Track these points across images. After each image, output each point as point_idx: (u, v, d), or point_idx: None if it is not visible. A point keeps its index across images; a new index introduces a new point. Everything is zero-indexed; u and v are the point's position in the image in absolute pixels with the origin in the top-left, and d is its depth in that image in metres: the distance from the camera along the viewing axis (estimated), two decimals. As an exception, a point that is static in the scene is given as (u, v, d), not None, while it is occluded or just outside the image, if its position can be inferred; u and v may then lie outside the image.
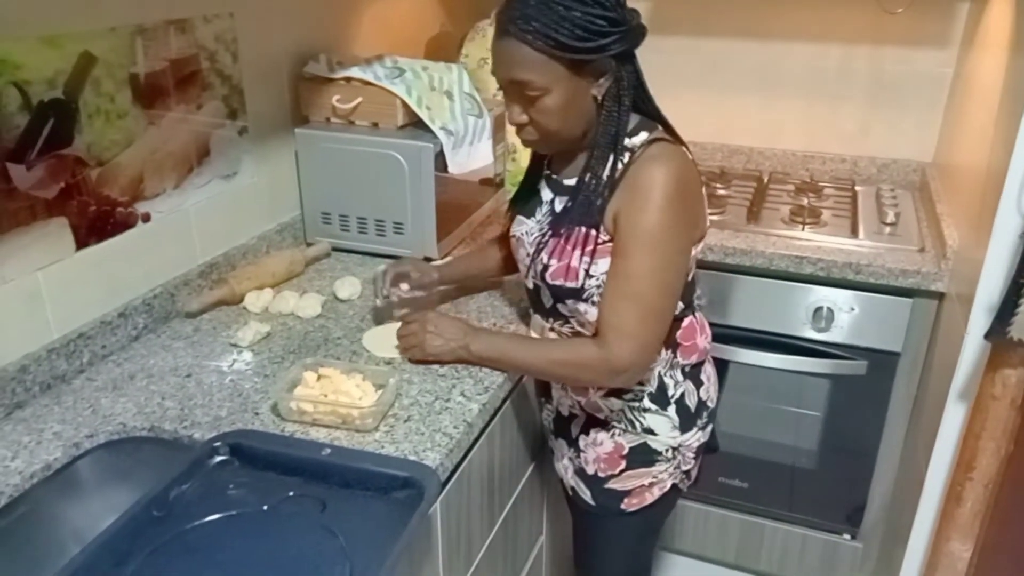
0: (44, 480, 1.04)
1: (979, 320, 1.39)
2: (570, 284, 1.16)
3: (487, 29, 2.02)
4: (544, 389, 1.40)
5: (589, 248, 1.13)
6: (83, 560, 0.85)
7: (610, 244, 1.13)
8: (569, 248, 1.15)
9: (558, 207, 1.20)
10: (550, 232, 1.18)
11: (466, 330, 1.25)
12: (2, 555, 0.99)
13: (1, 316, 1.13)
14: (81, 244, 1.24)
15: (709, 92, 2.27)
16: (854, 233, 1.84)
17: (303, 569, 0.88)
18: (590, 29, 1.03)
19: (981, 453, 1.40)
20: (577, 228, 1.14)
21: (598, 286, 1.15)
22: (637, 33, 1.09)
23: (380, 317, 1.42)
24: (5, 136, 1.09)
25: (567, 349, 1.19)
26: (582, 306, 1.18)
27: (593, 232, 1.13)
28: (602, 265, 1.14)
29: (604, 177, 1.11)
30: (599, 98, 1.11)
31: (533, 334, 1.33)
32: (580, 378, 1.20)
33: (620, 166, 1.11)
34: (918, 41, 2.06)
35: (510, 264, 1.45)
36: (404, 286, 1.40)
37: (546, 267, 1.18)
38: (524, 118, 1.12)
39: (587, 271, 1.14)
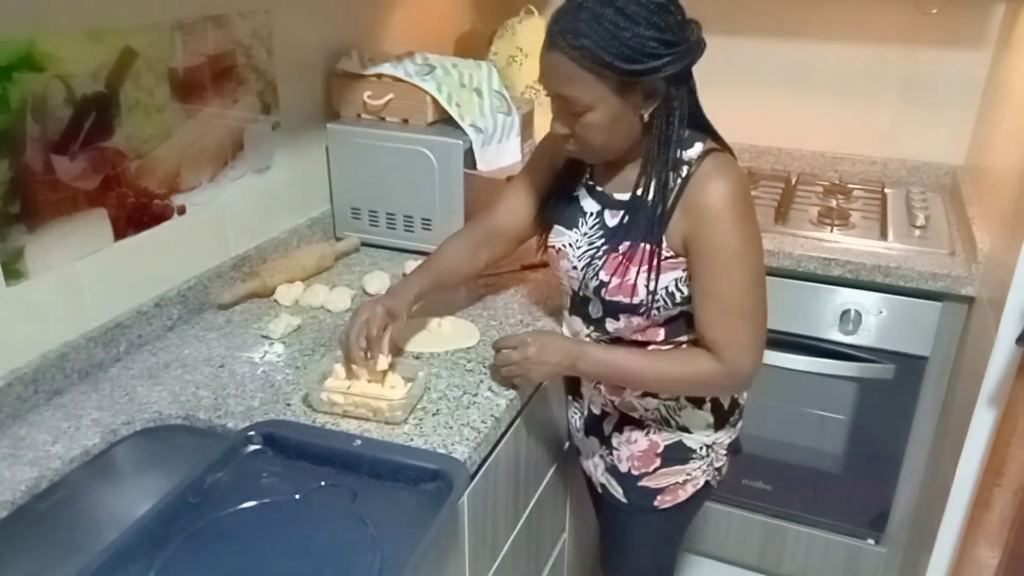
0: (83, 465, 1.07)
1: (1010, 325, 1.37)
2: (628, 300, 1.15)
3: (516, 26, 2.03)
4: (574, 387, 1.40)
5: (652, 264, 1.12)
6: (122, 543, 0.87)
7: (673, 260, 1.12)
8: (630, 265, 1.13)
9: (609, 221, 1.18)
10: (606, 247, 1.16)
11: (570, 350, 1.18)
12: (43, 536, 1.02)
13: (43, 304, 1.16)
14: (120, 235, 1.27)
15: (738, 92, 2.26)
16: (883, 235, 1.82)
17: (334, 557, 0.90)
18: (641, 51, 1.00)
19: (1011, 459, 1.39)
20: (639, 244, 1.12)
21: (657, 301, 1.14)
22: (695, 51, 1.05)
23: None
24: (50, 128, 1.12)
25: (685, 366, 1.16)
26: (636, 320, 1.18)
27: (656, 248, 1.12)
28: (663, 281, 1.13)
29: (663, 193, 1.10)
30: (646, 117, 1.08)
31: (566, 332, 1.33)
32: (702, 392, 1.23)
33: (679, 181, 1.10)
34: (952, 42, 2.04)
35: (481, 264, 1.37)
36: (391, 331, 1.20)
37: (603, 284, 1.16)
38: (567, 131, 1.10)
39: (649, 288, 1.13)
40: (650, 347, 1.21)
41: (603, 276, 1.16)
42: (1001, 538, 1.46)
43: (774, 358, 1.85)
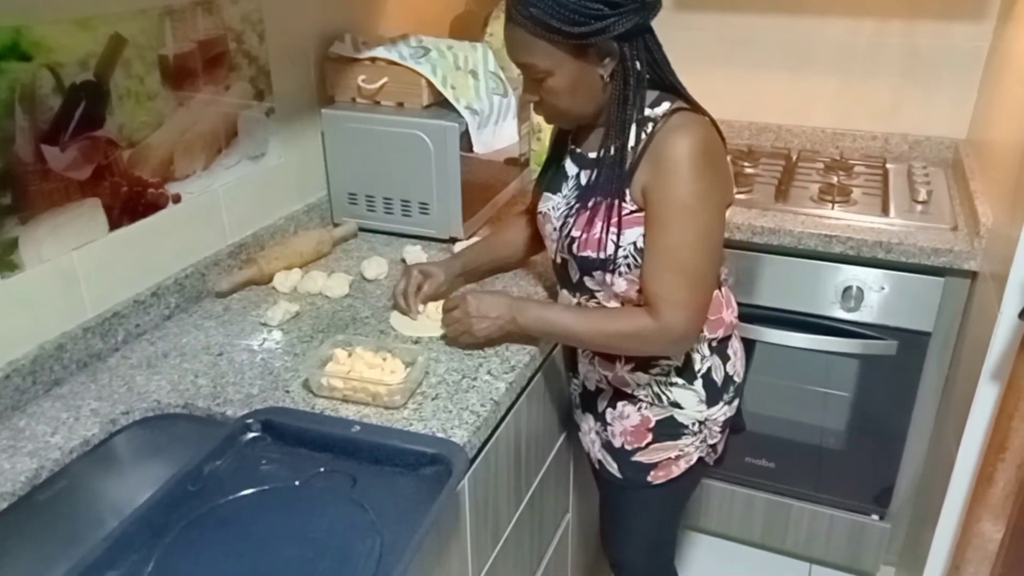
0: (83, 455, 1.07)
1: (1013, 299, 1.36)
2: (597, 255, 1.16)
3: (512, 7, 2.01)
4: (572, 363, 1.41)
5: (615, 219, 1.14)
6: (122, 531, 0.88)
7: (637, 214, 1.13)
8: (596, 220, 1.15)
9: (584, 181, 1.21)
10: (577, 205, 1.19)
11: (510, 304, 1.22)
12: (43, 527, 1.02)
13: (39, 295, 1.16)
14: (114, 225, 1.26)
15: (737, 69, 2.24)
16: (885, 211, 1.81)
17: (334, 543, 0.90)
18: (585, 14, 1.04)
19: (1014, 434, 1.38)
20: (603, 200, 1.14)
21: (625, 256, 1.15)
22: (646, 9, 1.08)
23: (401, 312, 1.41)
24: (39, 118, 1.11)
25: (620, 321, 1.17)
26: (609, 277, 1.18)
27: (619, 203, 1.13)
28: (629, 236, 1.14)
29: (627, 148, 1.12)
30: (606, 77, 1.11)
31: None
32: (634, 349, 1.21)
33: (644, 136, 1.12)
34: (953, 15, 2.01)
35: (531, 245, 1.45)
36: (425, 287, 1.36)
37: (573, 240, 1.18)
38: (535, 97, 1.16)
39: (615, 242, 1.14)
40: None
41: (574, 232, 1.18)
42: (1004, 512, 1.45)
43: (776, 336, 1.84)
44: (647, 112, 1.13)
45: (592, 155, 1.19)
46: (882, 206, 1.84)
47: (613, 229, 1.14)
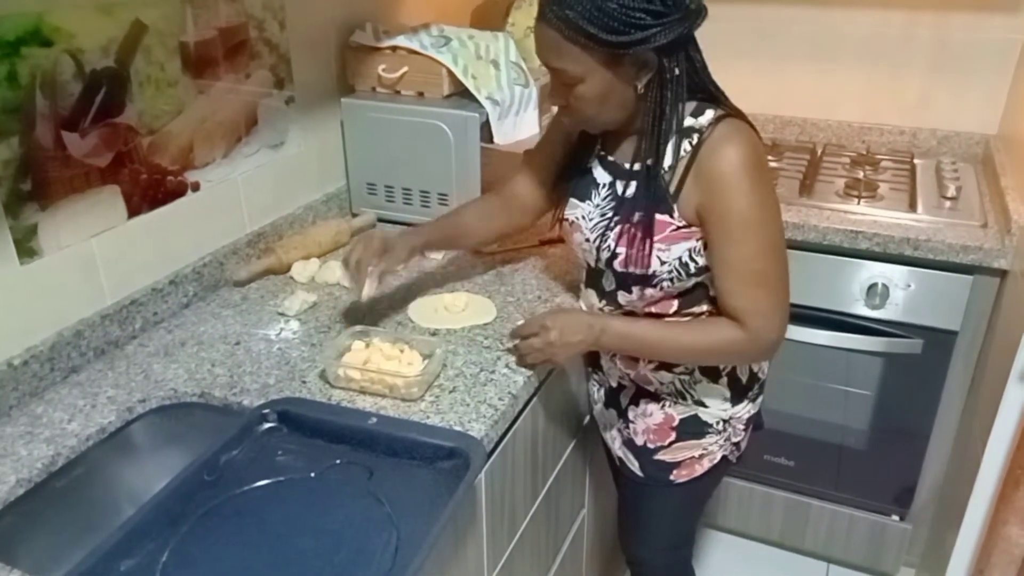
0: (99, 443, 1.07)
1: (1046, 298, 1.33)
2: (639, 271, 1.13)
3: (534, -3, 1.99)
4: (593, 360, 1.39)
5: (663, 235, 1.10)
6: (139, 520, 0.87)
7: (685, 230, 1.09)
8: (640, 235, 1.11)
9: (621, 191, 1.15)
10: (616, 218, 1.14)
11: (592, 324, 1.16)
12: (60, 514, 1.02)
13: (58, 282, 1.16)
14: (133, 212, 1.26)
15: (762, 61, 2.20)
16: (912, 207, 1.77)
17: (350, 535, 0.89)
18: (626, 22, 0.97)
19: (1043, 436, 1.35)
20: (651, 215, 1.10)
21: (670, 272, 1.12)
22: (690, 19, 1.01)
23: (416, 291, 1.40)
24: (60, 104, 1.11)
25: (709, 336, 1.13)
26: (650, 291, 1.15)
27: (667, 218, 1.09)
28: (675, 251, 1.10)
29: (669, 160, 1.07)
30: (640, 88, 1.05)
31: (582, 306, 1.31)
32: (729, 361, 1.20)
33: (688, 148, 1.07)
34: (987, 6, 1.96)
35: (498, 231, 1.38)
36: (383, 264, 1.23)
37: (614, 255, 1.14)
38: (562, 102, 1.10)
39: (661, 259, 1.11)
40: (665, 319, 1.19)
41: (614, 247, 1.14)
42: (1032, 516, 1.42)
43: (799, 333, 1.81)
44: (690, 122, 1.07)
45: (627, 165, 1.14)
46: (909, 202, 1.80)
47: (660, 246, 1.10)
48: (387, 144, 1.64)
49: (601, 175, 1.19)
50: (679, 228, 1.09)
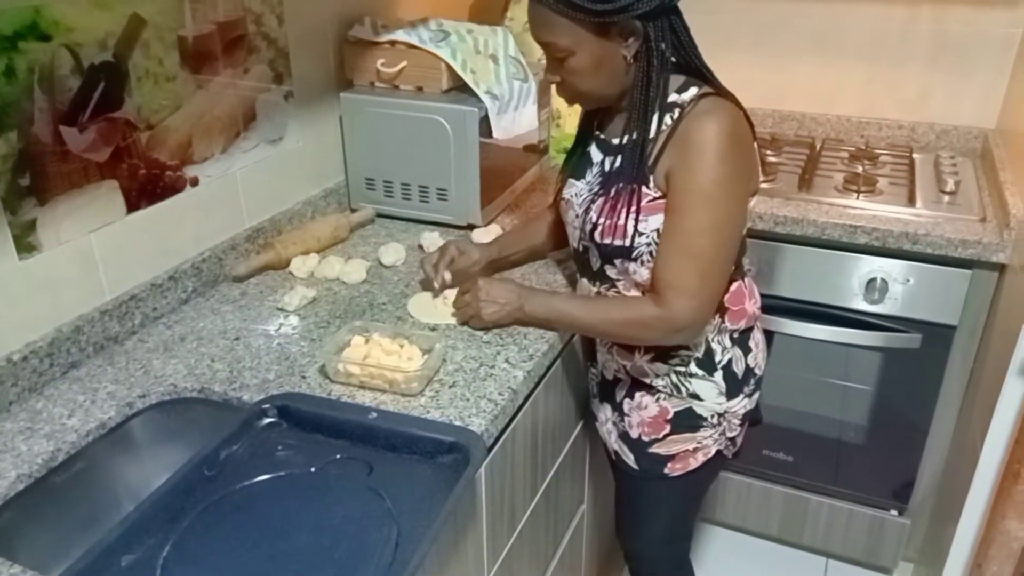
0: (99, 438, 1.07)
1: (1045, 292, 1.33)
2: (619, 243, 1.14)
3: (533, -9, 1.98)
4: (591, 352, 1.39)
5: (638, 206, 1.11)
6: (140, 515, 0.87)
7: (661, 201, 1.11)
8: (618, 206, 1.13)
9: (607, 167, 1.19)
10: (599, 191, 1.17)
11: (519, 292, 1.24)
12: (60, 509, 1.02)
13: (56, 278, 1.15)
14: (132, 207, 1.26)
15: (761, 55, 2.20)
16: (911, 202, 1.77)
17: (351, 530, 0.89)
18: None
19: (1042, 430, 1.35)
20: (626, 186, 1.12)
21: (648, 244, 1.13)
22: None
23: (426, 284, 1.41)
24: (58, 99, 1.10)
25: (625, 308, 1.16)
26: (631, 266, 1.16)
27: (643, 189, 1.11)
28: (652, 223, 1.12)
29: (651, 134, 1.10)
30: (628, 58, 1.09)
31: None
32: (639, 337, 1.19)
33: (670, 122, 1.09)
34: (986, 0, 1.96)
35: (559, 237, 1.43)
36: (459, 260, 1.36)
37: (595, 226, 1.17)
38: (557, 78, 1.14)
39: (636, 229, 1.12)
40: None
41: (595, 219, 1.17)
42: (1030, 510, 1.43)
43: (797, 327, 1.82)
44: (674, 98, 1.10)
45: (615, 141, 1.17)
46: (908, 196, 1.80)
47: (635, 216, 1.12)
48: (386, 139, 1.64)
49: (595, 153, 1.23)
50: (655, 199, 1.11)
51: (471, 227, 1.63)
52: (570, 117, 1.99)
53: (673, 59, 1.10)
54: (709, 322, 1.17)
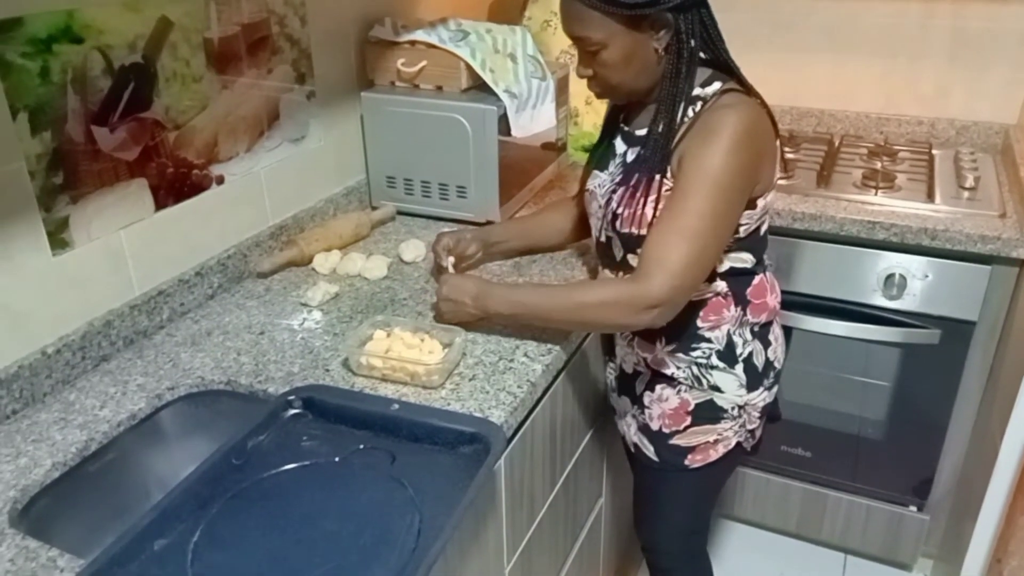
0: (130, 429, 1.10)
1: (1064, 287, 1.33)
2: (640, 231, 1.15)
3: (551, -10, 1.99)
4: (608, 347, 1.41)
5: (658, 194, 1.13)
6: (171, 501, 0.90)
7: None
8: (639, 195, 1.14)
9: (630, 158, 1.20)
10: (620, 181, 1.19)
11: (477, 291, 1.20)
12: (93, 496, 1.05)
13: (88, 273, 1.19)
14: (160, 205, 1.29)
15: (779, 52, 2.20)
16: (930, 198, 1.77)
17: (374, 518, 0.91)
18: None
19: (1061, 425, 1.35)
20: (647, 175, 1.13)
21: None
22: None
23: (435, 282, 1.43)
24: (90, 99, 1.14)
25: (594, 289, 1.14)
26: None
27: (660, 178, 1.12)
28: None
29: (675, 125, 1.11)
30: (659, 51, 1.11)
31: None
32: (608, 319, 1.12)
33: (691, 114, 1.11)
34: (1005, -5, 1.95)
35: (578, 229, 1.45)
36: (451, 260, 1.36)
37: (617, 216, 1.18)
38: (589, 72, 1.15)
39: (656, 217, 1.13)
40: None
41: (617, 208, 1.18)
42: (1050, 505, 1.43)
43: (816, 323, 1.82)
44: (698, 91, 1.12)
45: (640, 132, 1.19)
46: (927, 192, 1.80)
47: (654, 204, 1.13)
48: (406, 137, 1.66)
49: (619, 145, 1.25)
50: (671, 189, 1.12)
51: (490, 224, 1.65)
52: (587, 115, 2.00)
53: (701, 53, 1.11)
54: (677, 310, 1.10)
